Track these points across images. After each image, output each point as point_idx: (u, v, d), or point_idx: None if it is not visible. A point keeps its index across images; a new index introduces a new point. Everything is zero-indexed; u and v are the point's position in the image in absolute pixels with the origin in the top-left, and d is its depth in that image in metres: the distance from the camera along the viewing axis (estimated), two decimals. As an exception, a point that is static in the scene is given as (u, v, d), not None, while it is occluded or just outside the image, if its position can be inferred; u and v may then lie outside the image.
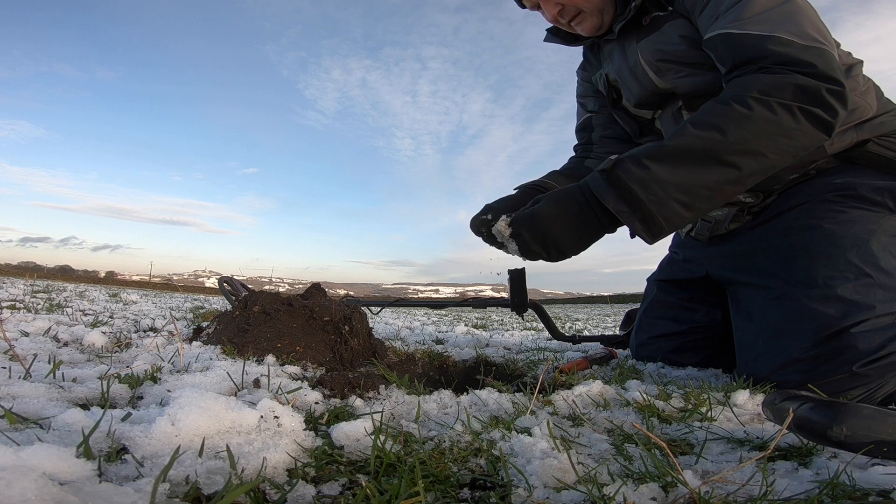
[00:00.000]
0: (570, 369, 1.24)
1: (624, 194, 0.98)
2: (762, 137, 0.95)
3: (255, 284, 2.35)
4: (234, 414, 0.54)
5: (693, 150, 0.96)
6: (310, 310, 1.17)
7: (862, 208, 1.07)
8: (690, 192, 0.97)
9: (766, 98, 0.95)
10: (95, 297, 3.89)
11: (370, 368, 1.11)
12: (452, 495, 0.46)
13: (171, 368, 0.90)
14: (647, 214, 0.98)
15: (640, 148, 1.02)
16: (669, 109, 1.35)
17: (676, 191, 0.96)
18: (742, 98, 0.96)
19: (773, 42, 0.99)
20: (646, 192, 0.97)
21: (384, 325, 2.58)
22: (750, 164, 0.96)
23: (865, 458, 0.54)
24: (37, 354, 0.95)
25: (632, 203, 0.98)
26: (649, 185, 0.97)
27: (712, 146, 0.96)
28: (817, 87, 0.94)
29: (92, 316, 2.02)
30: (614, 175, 1.00)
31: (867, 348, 0.93)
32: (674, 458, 0.47)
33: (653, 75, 1.28)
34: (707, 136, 0.96)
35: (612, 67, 1.40)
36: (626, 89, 1.40)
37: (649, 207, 0.97)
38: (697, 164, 0.96)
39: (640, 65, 1.29)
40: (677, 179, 0.96)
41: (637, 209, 0.98)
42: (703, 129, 0.97)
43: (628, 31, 1.30)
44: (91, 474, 0.40)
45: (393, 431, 0.60)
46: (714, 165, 0.96)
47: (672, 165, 0.97)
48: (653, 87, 1.31)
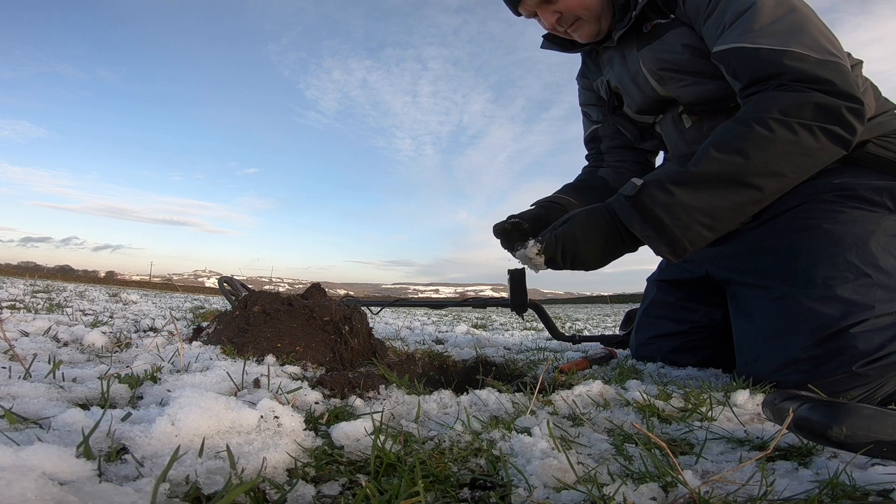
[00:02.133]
0: (570, 369, 1.24)
1: (649, 219, 1.01)
2: (783, 158, 0.97)
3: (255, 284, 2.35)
4: (234, 414, 0.54)
5: (716, 174, 0.98)
6: (310, 310, 1.17)
7: (861, 208, 1.07)
8: (714, 215, 0.99)
9: (786, 119, 0.96)
10: (95, 297, 3.89)
11: (370, 368, 1.11)
12: (452, 495, 0.46)
13: (171, 368, 0.90)
14: (672, 238, 1.01)
15: (663, 171, 1.04)
16: (670, 114, 1.35)
17: (700, 214, 0.99)
18: (763, 119, 0.97)
19: (789, 57, 0.99)
20: (671, 217, 1.00)
21: (384, 325, 2.58)
22: (771, 185, 0.99)
23: (865, 458, 0.54)
24: (37, 354, 0.95)
25: (657, 228, 1.01)
26: (674, 210, 0.99)
27: (735, 170, 0.98)
28: (836, 105, 0.95)
29: (92, 316, 2.02)
30: (639, 201, 1.03)
31: (867, 348, 0.93)
32: (674, 457, 0.47)
33: (654, 83, 1.28)
34: (730, 160, 0.98)
35: (612, 74, 1.41)
36: (627, 96, 1.41)
37: (674, 231, 1.00)
38: (721, 187, 0.98)
39: (641, 73, 1.29)
40: (701, 203, 0.99)
41: (663, 233, 1.01)
42: (726, 152, 0.98)
43: (628, 38, 1.30)
44: (91, 474, 0.40)
45: (393, 431, 0.60)
46: (737, 188, 0.98)
47: (696, 190, 0.99)
48: (654, 95, 1.31)
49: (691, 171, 1.00)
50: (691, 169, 1.01)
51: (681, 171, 1.01)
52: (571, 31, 1.33)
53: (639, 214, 1.02)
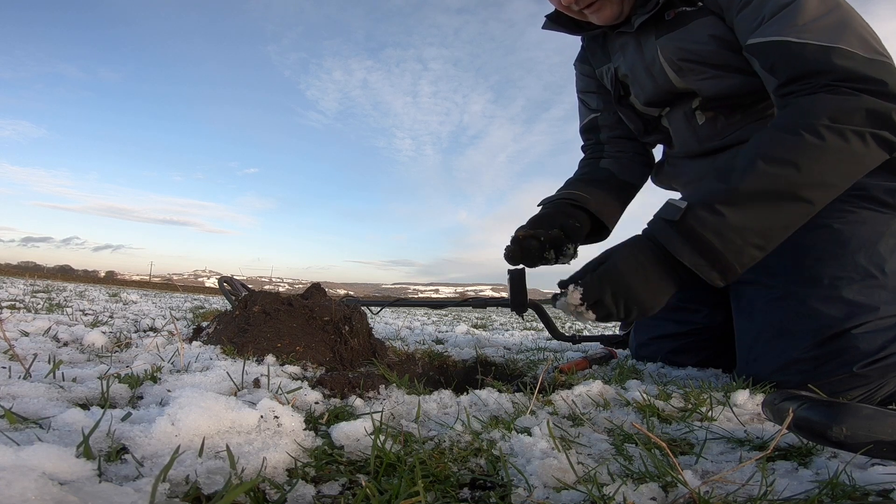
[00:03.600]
0: (570, 369, 1.24)
1: (699, 247, 0.91)
2: (835, 168, 0.91)
3: (255, 284, 2.35)
4: (234, 414, 0.54)
5: (767, 189, 0.90)
6: (310, 310, 1.17)
7: (872, 209, 1.06)
8: (767, 235, 0.92)
9: (837, 126, 0.89)
10: (95, 297, 3.89)
11: (370, 368, 1.11)
12: (452, 495, 0.46)
13: (171, 368, 0.90)
14: (725, 265, 0.92)
15: (707, 190, 0.95)
16: (681, 108, 1.30)
17: (754, 235, 0.91)
18: (813, 127, 0.90)
19: (837, 55, 0.92)
20: (723, 242, 0.90)
21: (384, 325, 2.58)
22: (821, 196, 0.93)
23: (865, 458, 0.54)
24: (37, 354, 0.95)
25: (709, 255, 0.92)
26: (726, 234, 0.90)
27: (787, 184, 0.90)
28: (887, 109, 0.90)
29: (92, 316, 2.02)
30: (686, 226, 0.92)
31: (868, 349, 0.93)
32: (674, 457, 0.47)
33: (672, 74, 1.21)
34: (782, 173, 0.90)
35: (623, 62, 1.32)
36: (636, 86, 1.33)
37: (727, 257, 0.91)
38: (772, 204, 0.91)
39: (658, 62, 1.22)
40: (754, 223, 0.91)
41: (715, 260, 0.92)
42: (777, 165, 0.91)
43: (647, 25, 1.22)
44: (91, 474, 0.40)
45: (393, 431, 0.60)
46: (789, 203, 0.91)
47: (747, 209, 0.91)
48: (669, 87, 1.24)
49: (740, 187, 0.91)
50: (739, 185, 0.91)
51: (728, 189, 0.92)
52: (590, 11, 1.24)
53: (688, 242, 0.92)
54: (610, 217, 1.43)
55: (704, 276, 0.93)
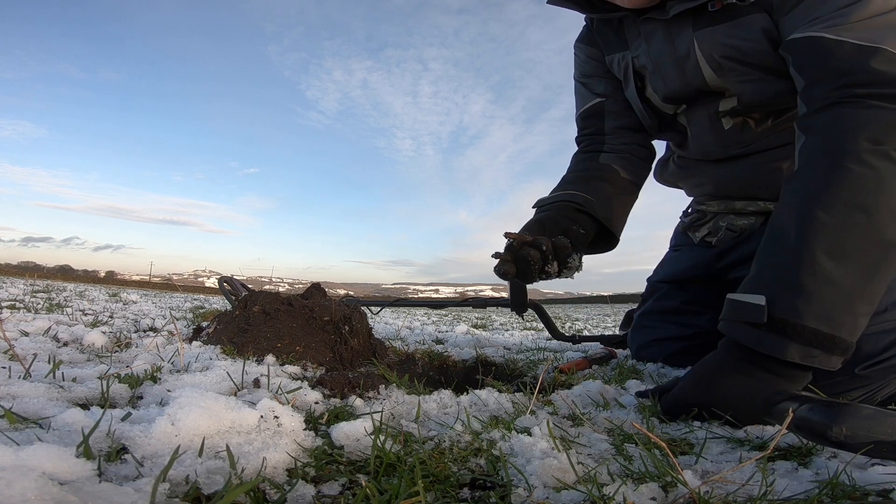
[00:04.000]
0: (570, 369, 1.24)
1: (809, 340, 0.74)
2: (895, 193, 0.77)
3: (255, 284, 2.35)
4: (234, 414, 0.54)
5: (846, 245, 0.76)
6: (310, 310, 1.17)
7: None
8: (871, 297, 0.76)
9: (881, 147, 0.77)
10: (95, 297, 3.89)
11: (370, 368, 1.11)
12: (452, 495, 0.46)
13: (171, 368, 0.90)
14: (845, 345, 0.75)
15: (775, 268, 0.79)
16: (704, 109, 1.18)
17: (861, 303, 0.76)
18: (856, 155, 0.77)
19: (878, 57, 0.80)
20: (832, 325, 0.74)
21: (384, 325, 2.58)
22: None
23: (865, 458, 0.54)
24: (37, 354, 0.95)
25: (822, 343, 0.75)
26: (832, 314, 0.74)
27: (864, 231, 0.76)
28: None
29: (92, 316, 2.02)
30: (780, 323, 0.75)
31: (871, 351, 0.92)
32: (674, 457, 0.47)
33: (708, 72, 1.08)
34: (849, 220, 0.76)
35: (646, 51, 1.17)
36: (657, 79, 1.19)
37: (844, 336, 0.75)
38: (859, 259, 0.75)
39: (693, 56, 1.08)
40: (855, 290, 0.75)
41: (833, 346, 0.75)
42: (840, 212, 0.76)
43: (684, 14, 1.08)
44: (91, 474, 0.40)
45: (393, 431, 0.60)
46: (876, 250, 0.76)
47: (837, 277, 0.74)
48: (699, 84, 1.11)
49: (814, 254, 0.75)
50: (813, 252, 0.75)
51: (800, 260, 0.76)
52: None
53: (792, 341, 0.74)
54: (618, 223, 1.25)
55: (824, 366, 0.76)
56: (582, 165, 1.34)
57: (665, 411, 0.79)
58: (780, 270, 0.78)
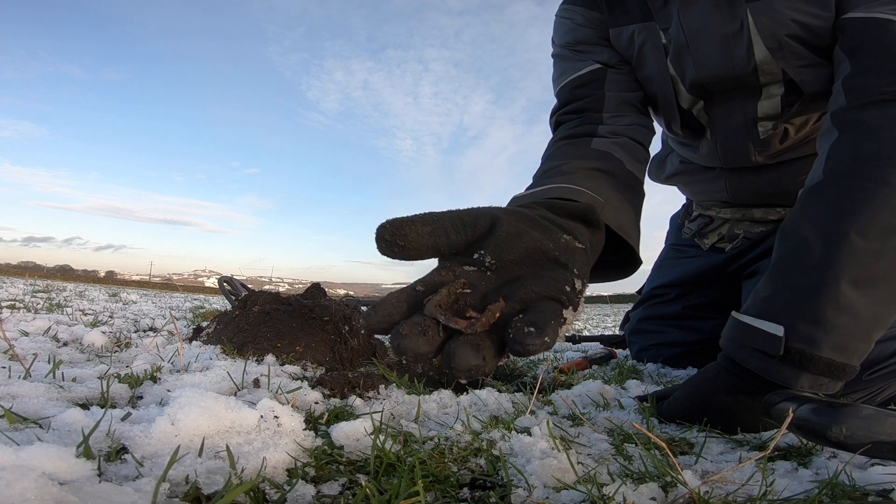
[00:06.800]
0: (570, 369, 1.24)
1: (821, 370, 0.70)
2: None
3: (255, 284, 2.34)
4: (234, 414, 0.54)
5: (876, 273, 0.68)
6: (310, 310, 1.17)
7: None
8: (889, 322, 0.71)
9: None
10: (95, 297, 3.89)
11: (370, 368, 1.11)
12: (452, 495, 0.46)
13: (171, 368, 0.90)
14: (853, 371, 0.71)
15: (800, 294, 0.70)
16: (739, 110, 1.00)
17: (877, 330, 0.71)
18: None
19: None
20: (845, 355, 0.70)
21: (384, 325, 2.57)
22: None
23: (865, 458, 0.54)
24: (37, 354, 0.95)
25: (832, 372, 0.70)
26: (847, 345, 0.69)
27: None
28: None
29: (92, 316, 2.02)
30: (796, 354, 0.69)
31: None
32: (673, 457, 0.47)
33: (763, 52, 0.90)
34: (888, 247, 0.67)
35: (682, 23, 0.95)
36: (689, 59, 0.97)
37: (853, 364, 0.71)
38: (884, 286, 0.69)
39: (745, 32, 0.89)
40: (874, 319, 0.69)
41: (842, 373, 0.71)
42: (878, 238, 0.67)
43: None
44: (91, 474, 0.40)
45: (393, 431, 0.60)
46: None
47: (859, 306, 0.68)
48: (743, 68, 0.93)
49: (839, 282, 0.67)
50: (839, 280, 0.67)
51: (824, 287, 0.68)
52: None
53: (803, 371, 0.69)
54: (635, 235, 0.84)
55: (828, 391, 0.72)
56: (568, 152, 0.92)
57: (661, 420, 0.78)
58: (800, 297, 0.69)
